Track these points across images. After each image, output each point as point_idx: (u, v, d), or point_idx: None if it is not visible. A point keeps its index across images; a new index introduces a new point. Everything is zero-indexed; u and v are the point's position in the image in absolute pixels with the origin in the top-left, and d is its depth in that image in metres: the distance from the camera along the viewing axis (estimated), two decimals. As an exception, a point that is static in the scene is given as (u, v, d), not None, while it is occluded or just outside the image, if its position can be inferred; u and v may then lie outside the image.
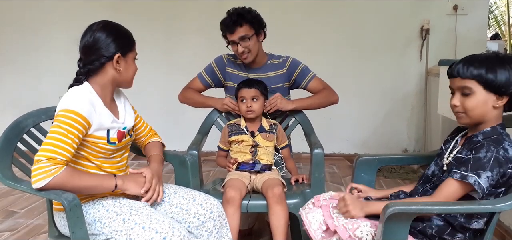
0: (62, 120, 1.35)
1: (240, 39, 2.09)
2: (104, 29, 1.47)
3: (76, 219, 1.31)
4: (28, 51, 4.17)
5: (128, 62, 1.52)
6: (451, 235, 1.34)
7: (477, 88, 1.28)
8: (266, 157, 2.05)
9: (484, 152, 1.26)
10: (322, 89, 2.23)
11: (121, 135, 1.54)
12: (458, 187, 1.28)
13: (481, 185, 1.23)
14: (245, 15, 2.09)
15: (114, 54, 1.46)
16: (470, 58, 1.31)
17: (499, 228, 2.38)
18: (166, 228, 1.35)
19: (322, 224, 1.44)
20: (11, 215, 2.75)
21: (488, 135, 1.31)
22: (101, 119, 1.45)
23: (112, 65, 1.47)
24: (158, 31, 4.05)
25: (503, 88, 1.26)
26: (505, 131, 1.34)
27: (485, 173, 1.23)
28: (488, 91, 1.28)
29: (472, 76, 1.28)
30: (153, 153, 1.72)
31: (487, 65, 1.26)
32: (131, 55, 1.53)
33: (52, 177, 1.27)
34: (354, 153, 4.07)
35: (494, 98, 1.29)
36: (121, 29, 1.52)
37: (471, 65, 1.28)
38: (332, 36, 3.99)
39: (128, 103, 1.67)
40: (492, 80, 1.26)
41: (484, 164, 1.24)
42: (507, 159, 1.26)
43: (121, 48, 1.47)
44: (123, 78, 1.52)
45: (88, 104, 1.41)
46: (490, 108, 1.30)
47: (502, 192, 1.31)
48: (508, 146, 1.28)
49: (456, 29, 3.82)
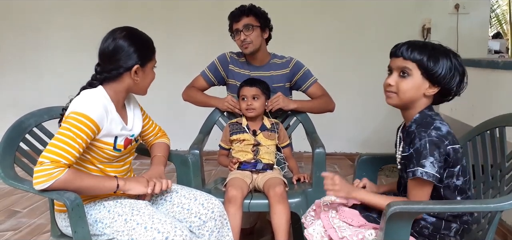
0: (72, 123, 1.34)
1: (244, 27, 2.13)
2: (126, 38, 1.44)
3: (78, 219, 1.31)
4: (29, 50, 4.18)
5: (146, 72, 1.50)
6: (447, 229, 1.35)
7: (415, 71, 1.31)
8: (267, 156, 2.05)
9: (418, 141, 1.27)
10: (322, 95, 2.26)
11: (128, 142, 1.54)
12: (417, 185, 1.29)
13: (429, 173, 1.24)
14: (253, 8, 2.18)
15: (133, 65, 1.44)
16: (416, 42, 1.34)
17: (502, 228, 2.37)
18: (168, 228, 1.35)
19: (324, 237, 1.41)
20: (13, 214, 2.75)
21: (418, 122, 1.34)
22: (111, 125, 1.44)
23: (130, 76, 1.46)
24: (160, 30, 4.03)
25: (438, 78, 1.30)
26: (433, 111, 1.37)
27: (427, 160, 1.25)
28: (424, 78, 1.31)
29: (414, 59, 1.31)
30: (158, 154, 1.72)
31: (430, 53, 1.29)
32: (150, 64, 1.51)
33: (54, 181, 1.27)
34: (355, 152, 4.07)
35: (427, 85, 1.32)
36: (143, 39, 1.50)
37: (415, 48, 1.31)
38: (333, 35, 3.99)
39: (137, 108, 1.67)
40: (431, 68, 1.29)
41: (422, 152, 1.26)
42: (442, 136, 1.27)
43: (141, 59, 1.46)
44: (139, 88, 1.52)
45: (101, 109, 1.40)
46: (420, 95, 1.33)
47: (459, 168, 1.32)
48: (440, 124, 1.30)
49: (457, 28, 3.82)
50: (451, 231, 1.35)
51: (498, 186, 1.46)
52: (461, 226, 1.35)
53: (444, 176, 1.31)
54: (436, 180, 1.26)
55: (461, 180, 1.34)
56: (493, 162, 1.50)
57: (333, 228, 1.38)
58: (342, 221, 1.41)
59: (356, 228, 1.38)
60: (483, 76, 2.37)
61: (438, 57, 1.29)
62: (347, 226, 1.38)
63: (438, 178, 1.26)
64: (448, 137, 1.29)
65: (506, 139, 1.47)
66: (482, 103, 2.30)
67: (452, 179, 1.33)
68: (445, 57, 1.30)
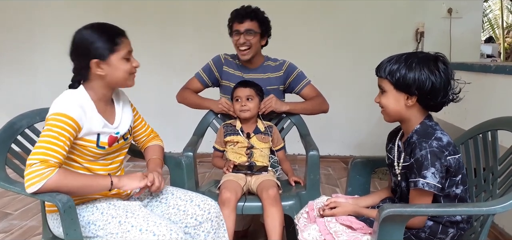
0: (52, 124, 1.34)
1: (245, 31, 2.12)
2: (81, 36, 1.43)
3: (70, 221, 1.30)
4: (23, 52, 4.14)
5: (112, 64, 1.43)
6: (444, 233, 1.36)
7: (389, 87, 1.35)
8: (261, 159, 2.05)
9: (419, 152, 1.29)
10: (315, 97, 2.25)
11: (113, 140, 1.52)
12: (418, 195, 1.30)
13: (431, 184, 1.26)
14: (258, 13, 2.17)
15: (91, 60, 1.41)
16: (390, 57, 1.37)
17: (494, 230, 2.39)
18: (163, 231, 1.34)
19: None
20: (5, 216, 2.73)
21: (419, 133, 1.35)
22: (91, 123, 1.43)
23: (94, 71, 1.43)
24: (153, 32, 4.04)
25: (409, 87, 1.31)
26: (433, 121, 1.38)
27: (429, 171, 1.26)
28: (398, 90, 1.34)
29: (385, 75, 1.35)
30: (153, 156, 1.71)
31: (398, 66, 1.32)
32: (116, 56, 1.43)
33: (46, 180, 1.26)
34: (349, 155, 4.08)
35: (405, 97, 1.34)
36: (99, 31, 1.43)
37: (386, 64, 1.35)
38: (327, 38, 4.00)
39: (128, 107, 1.65)
40: (400, 80, 1.32)
41: (423, 163, 1.27)
42: (442, 147, 1.29)
43: (98, 53, 1.41)
44: (112, 80, 1.46)
45: (77, 107, 1.39)
46: (403, 107, 1.36)
47: (460, 177, 1.33)
48: (441, 135, 1.32)
49: (450, 32, 3.84)
50: (447, 235, 1.36)
51: (490, 189, 1.47)
52: (458, 232, 1.36)
53: (446, 185, 1.32)
54: (437, 190, 1.27)
55: (460, 189, 1.35)
56: (486, 165, 1.51)
57: (330, 234, 1.38)
58: (339, 224, 1.41)
59: (353, 232, 1.38)
60: (475, 80, 2.38)
61: (404, 68, 1.31)
62: (344, 231, 1.39)
63: (439, 188, 1.27)
64: (448, 148, 1.30)
65: (498, 142, 1.48)
66: (474, 107, 2.32)
67: (452, 188, 1.34)
68: (419, 68, 1.30)
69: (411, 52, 1.38)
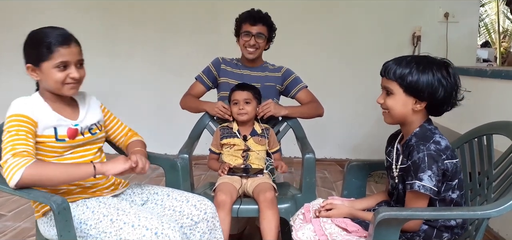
0: (9, 125, 1.37)
1: (257, 34, 2.21)
2: (28, 36, 1.45)
3: (64, 223, 1.29)
4: (18, 52, 4.12)
5: (45, 71, 1.41)
6: (438, 238, 1.36)
7: (397, 90, 1.33)
8: (257, 162, 2.05)
9: (416, 154, 1.28)
10: (311, 101, 2.30)
11: (73, 132, 1.49)
12: (414, 197, 1.30)
13: (426, 186, 1.25)
14: (269, 20, 2.28)
15: (27, 64, 1.45)
16: (398, 59, 1.35)
17: (489, 234, 2.39)
18: (155, 224, 1.34)
19: None
20: (-2, 217, 2.71)
21: (418, 136, 1.34)
22: (44, 117, 1.44)
23: (31, 74, 1.46)
24: (150, 33, 4.03)
25: (421, 93, 1.30)
26: (433, 125, 1.37)
27: (425, 173, 1.26)
28: (408, 94, 1.32)
29: (394, 78, 1.32)
30: (135, 148, 1.69)
31: (410, 69, 1.30)
32: (47, 64, 1.40)
33: (25, 168, 1.28)
34: (345, 158, 4.08)
35: (413, 101, 1.33)
36: (33, 39, 1.43)
37: (396, 67, 1.32)
38: (324, 41, 4.01)
39: (96, 107, 1.65)
40: (412, 84, 1.30)
41: (420, 165, 1.27)
42: (440, 151, 1.28)
43: (31, 59, 1.43)
44: (46, 87, 1.46)
45: (27, 106, 1.42)
46: (410, 111, 1.34)
47: (456, 182, 1.33)
48: (439, 138, 1.31)
49: (447, 36, 3.86)
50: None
51: (485, 193, 1.47)
52: (452, 237, 1.37)
53: (442, 189, 1.32)
54: (433, 193, 1.26)
55: (457, 194, 1.35)
56: (481, 169, 1.52)
57: (325, 235, 1.38)
58: (335, 226, 1.41)
59: (348, 235, 1.38)
60: (471, 84, 2.39)
61: (417, 72, 1.29)
62: (339, 233, 1.39)
63: (435, 191, 1.27)
64: (446, 152, 1.30)
65: (493, 146, 1.49)
66: (470, 111, 2.32)
67: (448, 193, 1.34)
68: (428, 72, 1.29)
69: (420, 56, 1.36)
